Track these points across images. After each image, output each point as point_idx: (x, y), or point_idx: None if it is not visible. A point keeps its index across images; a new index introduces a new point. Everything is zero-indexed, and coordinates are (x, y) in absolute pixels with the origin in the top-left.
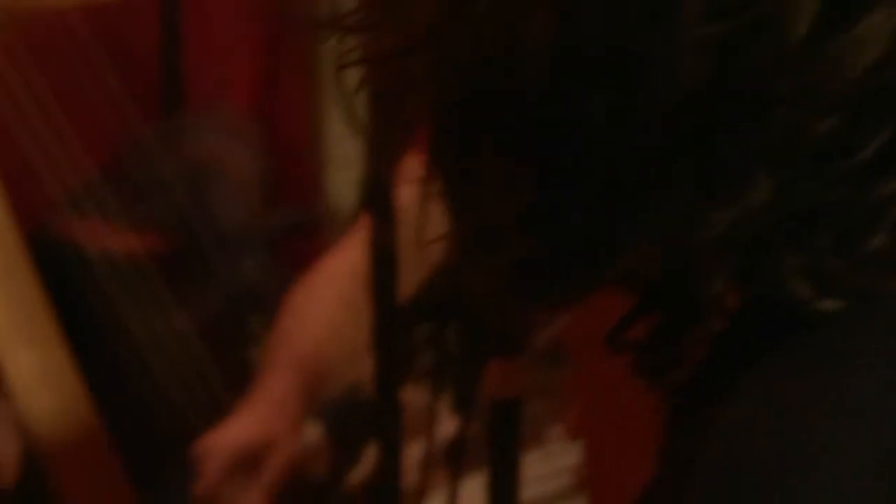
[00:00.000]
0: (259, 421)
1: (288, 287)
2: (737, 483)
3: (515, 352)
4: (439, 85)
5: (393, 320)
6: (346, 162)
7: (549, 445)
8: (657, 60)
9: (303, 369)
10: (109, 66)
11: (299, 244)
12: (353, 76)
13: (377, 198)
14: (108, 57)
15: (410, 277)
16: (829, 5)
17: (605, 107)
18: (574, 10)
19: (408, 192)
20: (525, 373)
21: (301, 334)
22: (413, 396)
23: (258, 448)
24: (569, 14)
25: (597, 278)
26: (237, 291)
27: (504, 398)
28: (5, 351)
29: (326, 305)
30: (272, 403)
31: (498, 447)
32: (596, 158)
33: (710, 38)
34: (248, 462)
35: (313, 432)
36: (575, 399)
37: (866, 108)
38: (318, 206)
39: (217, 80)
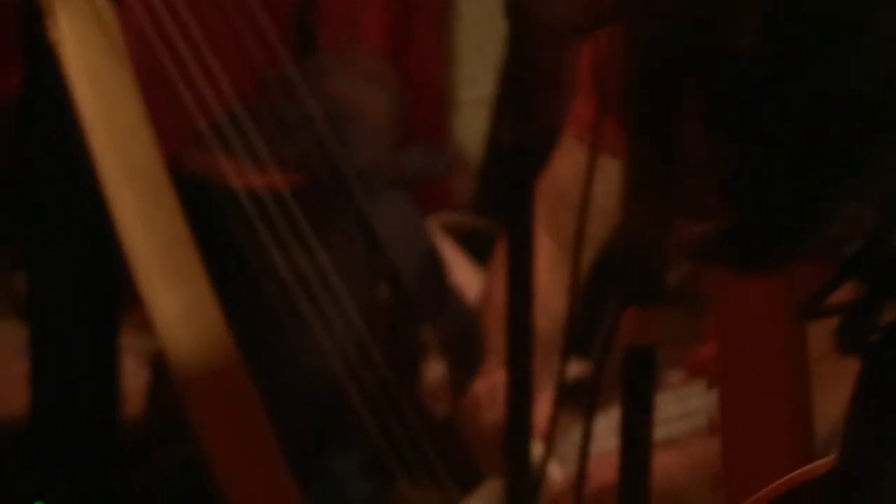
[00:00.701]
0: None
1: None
2: None
3: (656, 302)
4: (647, 49)
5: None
6: (475, 105)
7: (680, 388)
8: (880, 18)
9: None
10: (250, 5)
11: (429, 185)
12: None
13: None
14: None
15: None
16: None
17: (820, 66)
18: None
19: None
20: (662, 321)
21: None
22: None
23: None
24: None
25: (802, 246)
26: (370, 230)
27: (641, 345)
28: (150, 287)
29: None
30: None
31: (631, 390)
32: (808, 121)
33: None
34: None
35: (436, 369)
36: (703, 345)
37: None
38: (447, 147)
39: (351, 22)
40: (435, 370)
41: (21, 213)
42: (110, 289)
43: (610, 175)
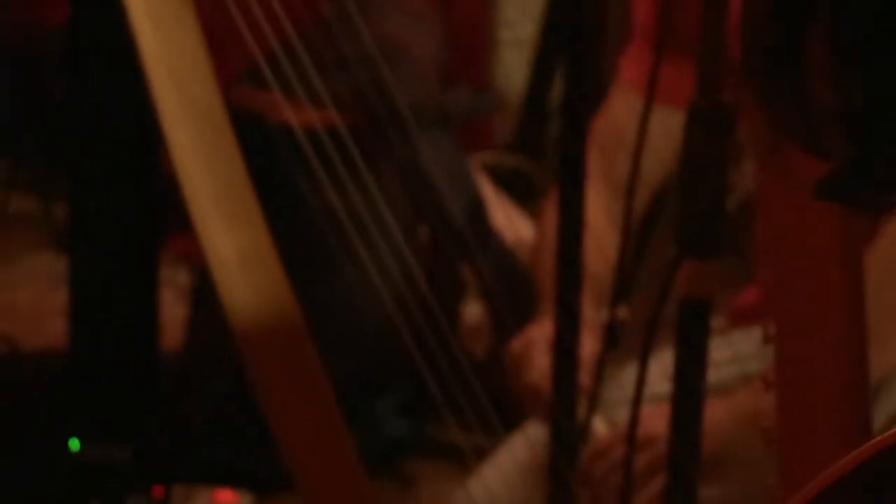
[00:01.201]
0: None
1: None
2: None
3: (712, 254)
4: None
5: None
6: (513, 45)
7: (730, 333)
8: None
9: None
10: None
11: (470, 124)
12: None
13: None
14: None
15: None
16: None
17: None
18: None
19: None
20: (717, 275)
21: None
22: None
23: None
24: None
25: None
26: (414, 168)
27: (695, 297)
28: (206, 229)
29: None
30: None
31: (685, 342)
32: None
33: None
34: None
35: (475, 309)
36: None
37: None
38: (489, 87)
39: None
40: (474, 310)
41: (64, 143)
42: (150, 221)
43: (664, 122)
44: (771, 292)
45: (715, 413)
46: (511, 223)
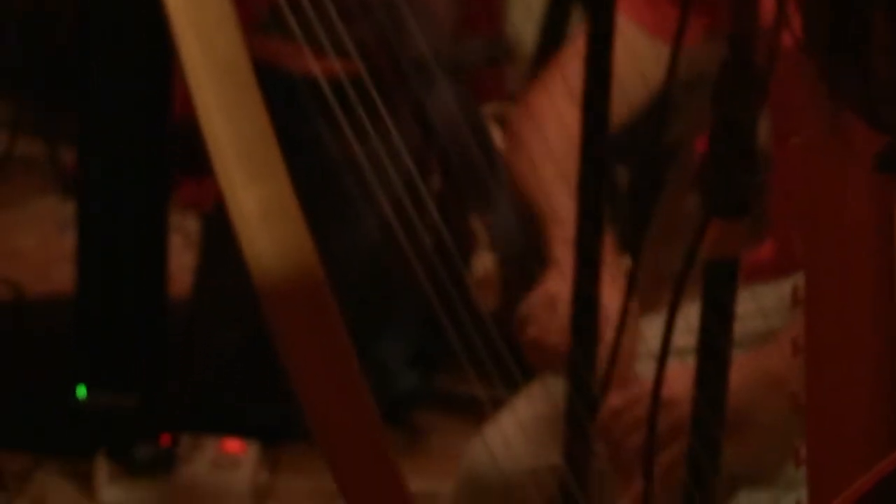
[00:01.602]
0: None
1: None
2: None
3: (740, 214)
4: None
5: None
6: None
7: (755, 286)
8: None
9: None
10: None
11: (481, 74)
12: None
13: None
14: None
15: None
16: None
17: None
18: None
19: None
20: (744, 235)
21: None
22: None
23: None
24: None
25: None
26: (426, 119)
27: (723, 258)
28: (229, 182)
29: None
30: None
31: (712, 303)
32: None
33: None
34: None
35: (485, 260)
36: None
37: None
38: (502, 38)
39: None
40: (484, 262)
41: (76, 87)
42: (161, 167)
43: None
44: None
45: (739, 371)
46: None
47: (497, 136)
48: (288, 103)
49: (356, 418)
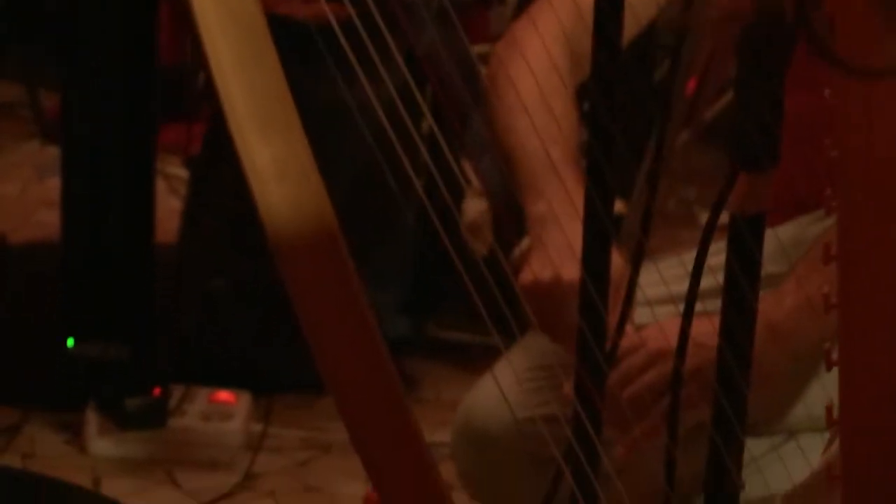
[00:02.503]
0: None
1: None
2: None
3: (768, 167)
4: None
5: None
6: None
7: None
8: None
9: None
10: None
11: (466, 16)
12: None
13: None
14: None
15: None
16: None
17: None
18: None
19: None
20: (770, 188)
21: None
22: None
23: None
24: None
25: None
26: (416, 61)
27: (749, 211)
28: (244, 139)
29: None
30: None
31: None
32: None
33: None
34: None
35: (476, 206)
36: None
37: None
38: None
39: None
40: (475, 207)
41: (61, 31)
42: (145, 112)
43: None
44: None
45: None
46: None
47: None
48: (279, 47)
49: (374, 373)
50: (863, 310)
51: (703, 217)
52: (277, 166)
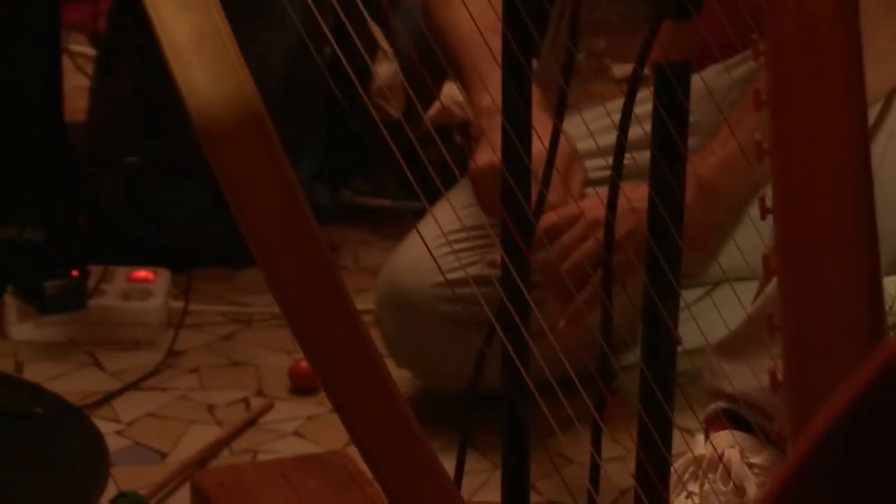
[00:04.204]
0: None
1: None
2: None
3: (691, 13)
4: None
5: None
6: None
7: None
8: None
9: None
10: None
11: None
12: None
13: None
14: None
15: None
16: None
17: None
18: None
19: None
20: (693, 34)
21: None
22: None
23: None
24: None
25: None
26: None
27: (674, 59)
28: (158, 12)
29: None
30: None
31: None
32: None
33: None
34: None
35: (387, 69)
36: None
37: None
38: None
39: None
40: (386, 70)
41: None
42: None
43: None
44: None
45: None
46: None
47: None
48: None
49: (304, 247)
50: (796, 155)
51: (616, 69)
52: (196, 39)
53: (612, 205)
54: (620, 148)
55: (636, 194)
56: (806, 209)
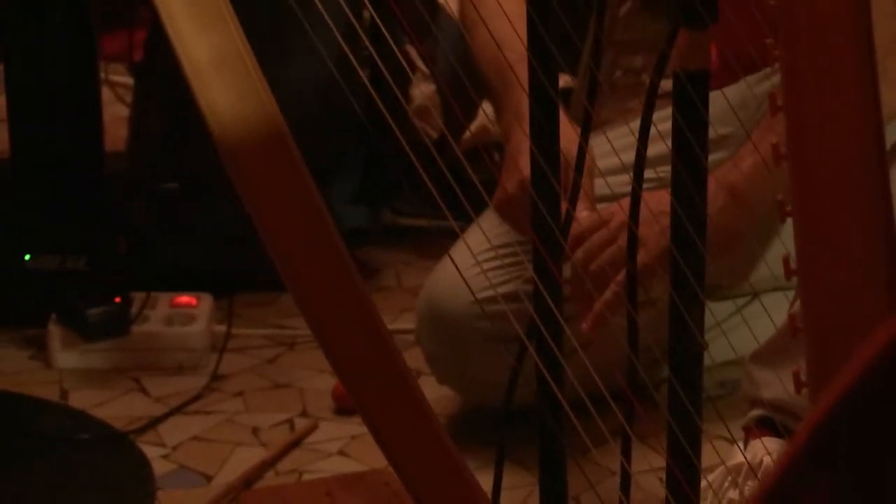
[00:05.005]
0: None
1: None
2: None
3: (707, 21)
4: None
5: None
6: None
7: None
8: None
9: None
10: None
11: None
12: None
13: None
14: None
15: None
16: None
17: None
18: None
19: None
20: (710, 43)
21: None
22: None
23: None
24: None
25: None
26: None
27: (692, 68)
28: (178, 32)
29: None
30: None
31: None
32: None
33: None
34: None
35: (424, 90)
36: None
37: None
38: None
39: None
40: (423, 91)
41: None
42: (86, 19)
43: None
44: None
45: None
46: None
47: None
48: None
49: (329, 266)
50: (812, 157)
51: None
52: (216, 60)
53: (633, 214)
54: (640, 158)
55: (662, 198)
56: (824, 210)
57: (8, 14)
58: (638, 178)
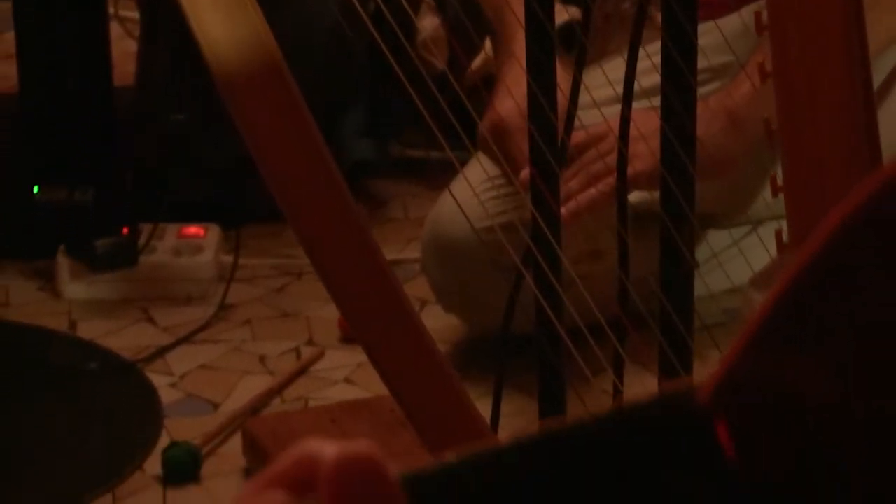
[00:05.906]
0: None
1: None
2: None
3: None
4: None
5: None
6: None
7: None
8: None
9: None
10: None
11: None
12: None
13: None
14: None
15: None
16: None
17: None
18: None
19: None
20: None
21: None
22: None
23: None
24: None
25: None
26: None
27: None
28: None
29: None
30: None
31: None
32: None
33: None
34: None
35: (431, 22)
36: None
37: None
38: None
39: None
40: (429, 23)
41: None
42: None
43: None
44: None
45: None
46: None
47: None
48: None
49: (327, 194)
50: (796, 74)
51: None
52: (221, 9)
53: (623, 133)
54: (629, 81)
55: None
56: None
57: None
58: (627, 98)
